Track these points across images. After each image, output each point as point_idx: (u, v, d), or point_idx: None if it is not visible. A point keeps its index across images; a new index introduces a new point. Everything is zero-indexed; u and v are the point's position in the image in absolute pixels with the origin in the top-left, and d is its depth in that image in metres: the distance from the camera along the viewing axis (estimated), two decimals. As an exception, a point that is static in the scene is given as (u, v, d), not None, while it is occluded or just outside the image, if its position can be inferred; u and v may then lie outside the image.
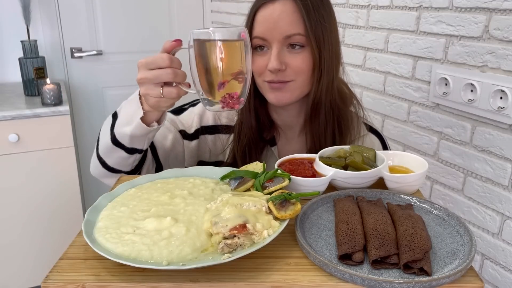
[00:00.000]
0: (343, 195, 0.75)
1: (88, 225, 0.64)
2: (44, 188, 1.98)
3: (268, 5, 0.88)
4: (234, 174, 0.76)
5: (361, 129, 1.01)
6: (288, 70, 0.89)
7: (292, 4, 0.87)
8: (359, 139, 1.00)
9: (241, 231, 0.59)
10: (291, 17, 0.87)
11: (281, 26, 0.87)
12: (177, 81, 0.73)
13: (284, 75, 0.89)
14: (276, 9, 0.87)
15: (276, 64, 0.86)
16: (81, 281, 0.56)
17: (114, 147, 0.85)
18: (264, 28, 0.88)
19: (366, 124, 1.03)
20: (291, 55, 0.89)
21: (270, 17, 0.88)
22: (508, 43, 1.05)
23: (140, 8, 2.56)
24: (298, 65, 0.89)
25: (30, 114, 1.87)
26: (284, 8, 0.87)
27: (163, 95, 0.73)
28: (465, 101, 1.15)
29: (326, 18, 0.89)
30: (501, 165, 1.10)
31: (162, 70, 0.72)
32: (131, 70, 2.91)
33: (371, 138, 1.02)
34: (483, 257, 1.19)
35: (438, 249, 0.60)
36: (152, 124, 0.82)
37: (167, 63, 0.72)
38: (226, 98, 0.70)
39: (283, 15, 0.87)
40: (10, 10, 2.25)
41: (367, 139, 1.01)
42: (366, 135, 1.01)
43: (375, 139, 1.02)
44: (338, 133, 0.96)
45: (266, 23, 0.88)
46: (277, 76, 0.89)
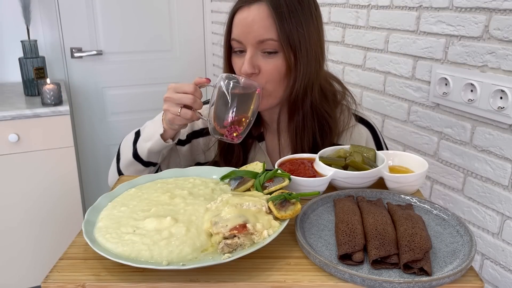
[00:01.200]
0: (343, 195, 0.75)
1: (88, 225, 0.64)
2: (44, 188, 1.98)
3: (244, 8, 0.89)
4: (234, 174, 0.76)
5: (350, 120, 1.00)
6: (261, 74, 0.90)
7: (266, 9, 0.87)
8: (347, 130, 0.99)
9: (241, 231, 0.59)
10: (265, 22, 0.87)
11: (254, 31, 0.87)
12: (195, 107, 0.87)
13: (257, 79, 0.90)
14: (250, 13, 0.88)
15: (248, 68, 0.88)
16: (81, 281, 0.56)
17: (133, 161, 0.98)
18: (240, 31, 0.89)
19: (356, 115, 1.02)
20: (264, 60, 0.89)
21: (244, 21, 0.89)
22: (508, 43, 1.05)
23: (140, 8, 2.56)
24: (270, 70, 0.89)
25: (30, 114, 1.87)
26: (258, 13, 0.87)
27: (180, 114, 0.86)
28: (465, 101, 1.15)
29: (304, 22, 0.89)
30: (501, 165, 1.10)
31: (185, 95, 0.85)
32: (131, 70, 2.93)
33: (359, 129, 1.01)
34: (483, 257, 1.19)
35: (438, 249, 0.60)
36: (168, 140, 0.94)
37: (191, 90, 0.86)
38: (230, 130, 0.84)
39: (256, 20, 0.87)
40: (10, 10, 2.25)
41: (355, 130, 1.00)
42: (355, 126, 1.00)
43: (364, 130, 1.01)
44: (319, 133, 0.95)
45: (241, 27, 0.89)
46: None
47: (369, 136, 1.01)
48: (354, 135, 1.00)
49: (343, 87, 1.03)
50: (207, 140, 1.06)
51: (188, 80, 0.92)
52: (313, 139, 0.95)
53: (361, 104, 1.61)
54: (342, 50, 1.66)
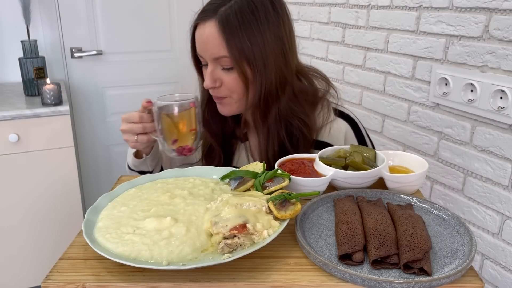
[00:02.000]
0: (343, 195, 0.75)
1: (88, 225, 0.64)
2: (44, 188, 1.98)
3: (200, 25, 0.89)
4: (234, 174, 0.76)
5: (329, 115, 0.99)
6: (223, 87, 0.92)
7: (216, 27, 0.86)
8: (326, 126, 0.98)
9: (241, 231, 0.59)
10: (216, 40, 0.86)
11: (209, 49, 0.88)
12: (147, 131, 0.92)
13: (219, 92, 0.92)
14: (204, 31, 0.88)
15: (208, 83, 0.91)
16: (81, 281, 0.56)
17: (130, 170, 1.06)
18: (199, 48, 0.91)
19: (336, 110, 1.01)
20: (224, 73, 0.90)
21: (200, 38, 0.89)
22: (508, 43, 1.05)
23: (140, 8, 2.56)
24: (230, 83, 0.91)
25: (30, 114, 1.87)
26: (210, 31, 0.87)
27: (137, 141, 0.93)
28: (465, 101, 1.15)
29: (258, 32, 0.86)
30: (501, 165, 1.10)
31: (135, 124, 0.91)
32: (131, 70, 2.93)
33: (338, 124, 0.99)
34: (483, 257, 1.19)
35: (438, 249, 0.60)
36: (142, 156, 1.01)
37: (137, 120, 0.91)
38: (179, 149, 0.89)
39: (209, 38, 0.87)
40: (10, 10, 2.25)
41: (334, 125, 0.99)
42: (334, 120, 0.99)
43: (343, 124, 1.00)
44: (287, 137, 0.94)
45: (198, 44, 0.91)
46: (213, 92, 0.93)
47: (349, 130, 1.00)
48: (333, 130, 0.99)
49: (327, 81, 1.02)
50: None
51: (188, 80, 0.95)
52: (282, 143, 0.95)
53: (361, 104, 1.61)
54: (342, 50, 1.66)
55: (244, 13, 0.86)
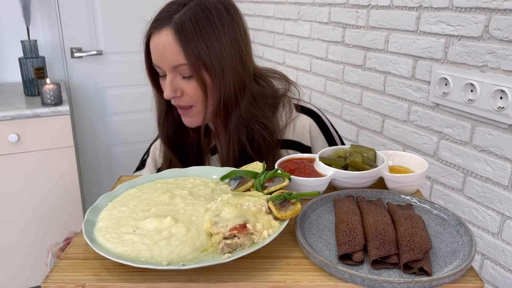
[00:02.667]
0: (343, 195, 0.75)
1: (88, 225, 0.64)
2: (44, 188, 1.98)
3: (155, 34, 0.87)
4: (234, 174, 0.76)
5: (292, 112, 0.97)
6: (185, 96, 0.89)
7: (171, 35, 0.84)
8: (290, 124, 0.97)
9: (241, 231, 0.59)
10: (173, 48, 0.84)
11: (166, 57, 0.86)
12: None
13: (182, 101, 0.90)
14: (160, 40, 0.86)
15: (169, 93, 0.88)
16: (81, 281, 0.56)
17: None
18: (155, 58, 0.88)
19: (297, 106, 0.99)
20: (185, 82, 0.88)
21: (156, 48, 0.87)
22: (508, 43, 1.05)
23: (140, 8, 2.55)
24: (191, 92, 0.88)
25: (30, 114, 1.87)
26: (166, 39, 0.85)
27: None
28: (465, 101, 1.15)
29: (214, 38, 0.85)
30: (501, 165, 1.10)
31: None
32: (131, 70, 2.93)
33: (301, 120, 0.98)
34: (483, 257, 1.19)
35: (438, 249, 0.60)
36: None
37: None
38: None
39: (166, 47, 0.85)
40: (10, 10, 2.25)
41: (297, 121, 0.98)
42: (297, 117, 0.98)
43: (306, 119, 0.98)
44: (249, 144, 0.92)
45: (155, 53, 0.88)
46: (176, 101, 0.91)
47: (313, 124, 0.99)
48: (297, 127, 0.97)
49: (287, 80, 1.01)
50: None
51: None
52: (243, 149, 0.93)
53: (361, 104, 1.61)
54: (342, 50, 1.66)
55: (198, 18, 0.85)
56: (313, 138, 0.99)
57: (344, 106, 1.70)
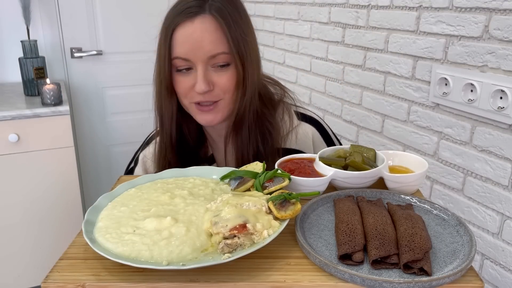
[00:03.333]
0: (343, 195, 0.75)
1: (88, 225, 0.64)
2: (44, 188, 1.98)
3: (187, 23, 0.82)
4: (234, 174, 0.76)
5: (293, 120, 0.96)
6: (216, 89, 0.86)
7: (212, 21, 0.82)
8: (292, 132, 0.95)
9: (241, 231, 0.59)
10: (214, 35, 0.82)
11: (204, 46, 0.82)
12: None
13: (212, 95, 0.86)
14: (197, 28, 0.82)
15: (204, 87, 0.83)
16: (81, 281, 0.56)
17: None
18: (186, 49, 0.83)
19: (298, 113, 0.98)
20: (217, 74, 0.85)
21: (191, 37, 0.82)
22: (508, 43, 1.05)
23: (140, 8, 2.56)
24: (225, 84, 0.85)
25: (30, 114, 1.87)
26: (205, 26, 0.81)
27: None
28: (465, 101, 1.15)
29: (245, 30, 0.85)
30: (501, 165, 1.10)
31: None
32: (131, 70, 2.93)
33: (303, 128, 0.97)
34: (483, 257, 1.19)
35: (438, 249, 0.60)
36: None
37: None
38: None
39: (205, 34, 0.81)
40: (10, 10, 2.25)
41: (300, 129, 0.97)
42: (298, 125, 0.97)
43: (309, 128, 0.97)
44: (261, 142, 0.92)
45: (187, 44, 0.83)
46: (205, 97, 0.86)
47: (316, 134, 0.98)
48: (300, 136, 0.96)
49: (281, 86, 1.00)
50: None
51: None
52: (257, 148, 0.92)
53: (361, 104, 1.61)
54: (342, 50, 1.66)
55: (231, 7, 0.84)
56: (316, 148, 0.98)
57: (344, 106, 1.70)
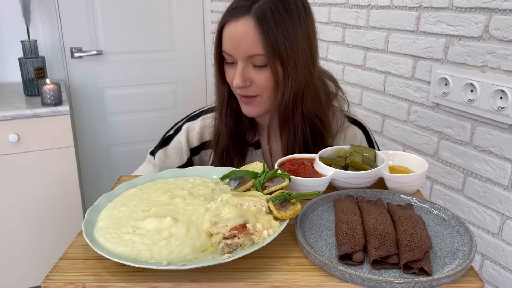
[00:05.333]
0: (343, 195, 0.75)
1: (88, 225, 0.64)
2: (44, 188, 1.98)
3: (232, 23, 0.87)
4: (234, 174, 0.76)
5: (344, 122, 1.00)
6: (253, 86, 0.90)
7: (253, 24, 0.85)
8: (342, 132, 0.99)
9: (241, 231, 0.59)
10: (252, 38, 0.85)
11: (243, 47, 0.86)
12: None
13: (249, 90, 0.91)
14: (238, 29, 0.86)
15: (239, 82, 0.88)
16: (81, 281, 0.56)
17: None
18: (229, 46, 0.89)
19: (348, 117, 1.02)
20: (255, 72, 0.89)
21: (233, 36, 0.87)
22: (508, 43, 1.05)
23: (140, 8, 2.56)
24: (262, 82, 0.89)
25: (30, 114, 1.87)
26: (245, 28, 0.85)
27: None
28: (465, 101, 1.15)
29: (291, 31, 0.86)
30: (501, 165, 1.10)
31: None
32: (131, 70, 2.93)
33: (353, 130, 1.01)
34: (483, 257, 1.19)
35: (438, 249, 0.60)
36: None
37: None
38: None
39: (244, 36, 0.86)
40: (10, 10, 2.25)
41: (349, 131, 1.00)
42: (349, 127, 1.01)
43: (358, 131, 1.02)
44: (311, 139, 0.95)
45: (230, 41, 0.88)
46: (242, 91, 0.91)
47: (363, 137, 1.02)
48: (348, 136, 1.00)
49: (337, 85, 1.02)
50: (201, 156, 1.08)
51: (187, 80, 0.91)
52: (304, 145, 0.95)
53: (361, 104, 1.61)
54: (342, 50, 1.66)
55: (278, 9, 0.86)
56: None
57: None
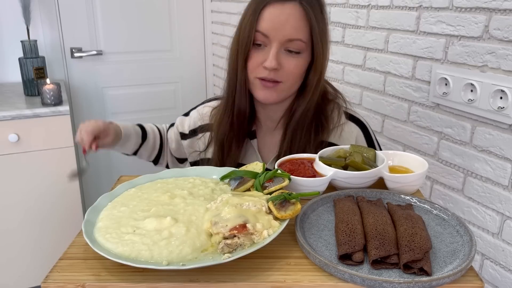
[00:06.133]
0: (343, 195, 0.75)
1: (88, 225, 0.64)
2: (44, 188, 1.97)
3: (277, 5, 0.89)
4: (234, 174, 0.76)
5: (341, 118, 1.01)
6: (281, 71, 0.92)
7: (300, 10, 0.89)
8: (338, 128, 1.00)
9: (241, 231, 0.59)
10: (298, 22, 0.88)
11: (286, 29, 0.88)
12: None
13: (277, 75, 0.92)
14: (285, 11, 0.88)
15: (274, 64, 0.89)
16: (81, 281, 0.56)
17: None
18: (269, 26, 0.89)
19: (346, 113, 1.03)
20: (287, 57, 0.91)
21: (277, 17, 0.89)
22: (508, 43, 1.05)
23: (140, 8, 2.56)
24: (291, 69, 0.92)
25: (30, 114, 1.87)
26: (293, 12, 0.88)
27: None
28: (465, 101, 1.15)
29: (324, 28, 0.92)
30: (501, 165, 1.10)
31: None
32: (131, 70, 2.93)
33: (350, 127, 1.02)
34: (483, 257, 1.19)
35: (438, 249, 0.60)
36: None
37: None
38: None
39: (290, 19, 0.88)
40: (10, 10, 2.25)
41: (345, 127, 1.01)
42: (345, 123, 1.01)
43: (354, 127, 1.02)
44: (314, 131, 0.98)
45: (272, 22, 0.89)
46: (270, 74, 0.91)
47: (360, 134, 1.02)
48: (344, 133, 1.01)
49: (333, 88, 1.06)
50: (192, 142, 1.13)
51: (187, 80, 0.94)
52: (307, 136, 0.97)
53: (361, 104, 1.61)
54: (342, 50, 1.66)
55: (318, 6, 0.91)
56: None
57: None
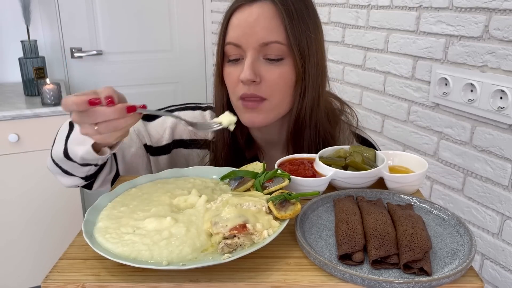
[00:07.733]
0: (343, 195, 0.75)
1: (88, 225, 0.64)
2: (44, 188, 1.98)
3: (245, 7, 0.78)
4: (234, 174, 0.76)
5: (352, 141, 0.94)
6: (263, 84, 0.78)
7: (272, 8, 0.76)
8: None
9: (241, 231, 0.59)
10: (270, 22, 0.76)
11: (257, 32, 0.76)
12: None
13: (258, 89, 0.79)
14: (253, 13, 0.77)
15: (249, 74, 0.76)
16: (81, 281, 0.56)
17: (66, 160, 0.77)
18: (239, 33, 0.78)
19: (356, 135, 0.95)
20: (267, 67, 0.78)
21: (245, 21, 0.77)
22: (508, 43, 1.05)
23: (140, 8, 2.56)
24: (274, 80, 0.78)
25: (30, 114, 1.87)
26: (262, 11, 0.76)
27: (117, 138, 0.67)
28: (465, 101, 1.15)
29: (311, 28, 0.78)
30: (501, 165, 1.10)
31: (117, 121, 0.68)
32: (131, 70, 2.93)
33: None
34: (483, 257, 1.19)
35: (438, 249, 0.60)
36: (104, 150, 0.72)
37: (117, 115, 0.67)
38: None
39: (260, 19, 0.76)
40: (10, 10, 2.25)
41: None
42: None
43: None
44: None
45: (241, 28, 0.77)
46: (249, 89, 0.78)
47: None
48: None
49: (342, 103, 0.96)
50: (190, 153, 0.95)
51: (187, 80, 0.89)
52: None
53: (361, 104, 1.61)
54: (342, 50, 1.66)
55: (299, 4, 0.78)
56: None
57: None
